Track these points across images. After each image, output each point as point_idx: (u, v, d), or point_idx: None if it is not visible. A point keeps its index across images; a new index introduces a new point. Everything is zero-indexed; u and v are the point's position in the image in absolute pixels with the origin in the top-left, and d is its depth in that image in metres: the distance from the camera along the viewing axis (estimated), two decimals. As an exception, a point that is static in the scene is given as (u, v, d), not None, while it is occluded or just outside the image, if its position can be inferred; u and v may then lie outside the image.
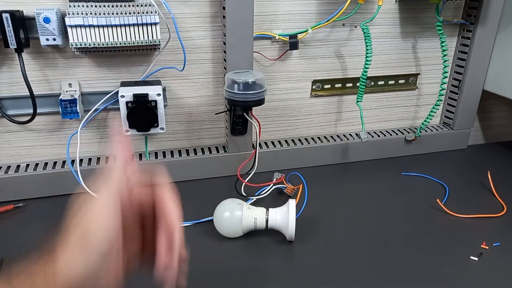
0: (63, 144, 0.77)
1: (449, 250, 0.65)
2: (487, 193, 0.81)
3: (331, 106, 0.90)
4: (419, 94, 0.96)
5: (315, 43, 0.83)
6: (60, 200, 0.76)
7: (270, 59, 0.82)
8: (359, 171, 0.89)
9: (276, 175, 0.80)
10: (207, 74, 0.80)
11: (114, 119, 0.77)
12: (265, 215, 0.65)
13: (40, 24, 0.65)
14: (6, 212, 0.72)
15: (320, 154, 0.90)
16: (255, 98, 0.71)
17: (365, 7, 0.81)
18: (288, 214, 0.63)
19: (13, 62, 0.70)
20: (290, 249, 0.65)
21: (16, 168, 0.76)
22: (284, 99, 0.87)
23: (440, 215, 0.74)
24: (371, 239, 0.68)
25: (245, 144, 0.84)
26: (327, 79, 0.87)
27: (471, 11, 0.87)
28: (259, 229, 0.66)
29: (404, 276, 0.60)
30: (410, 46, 0.90)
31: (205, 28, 0.76)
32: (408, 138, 0.94)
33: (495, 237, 0.68)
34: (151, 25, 0.67)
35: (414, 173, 0.88)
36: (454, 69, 0.94)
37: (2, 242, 0.65)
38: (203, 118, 0.84)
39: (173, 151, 0.84)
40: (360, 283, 0.59)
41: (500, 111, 1.04)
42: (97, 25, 0.65)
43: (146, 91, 0.71)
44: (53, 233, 0.39)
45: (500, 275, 0.61)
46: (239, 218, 0.64)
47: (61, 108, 0.70)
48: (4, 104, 0.73)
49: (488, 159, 0.97)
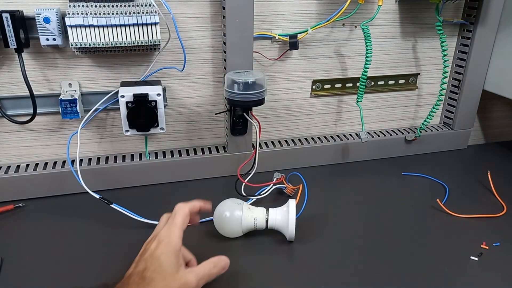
0: (63, 144, 0.77)
1: (449, 250, 0.65)
2: (487, 193, 0.81)
3: (331, 106, 0.90)
4: (419, 94, 0.96)
5: (315, 43, 0.83)
6: (60, 200, 0.76)
7: (270, 59, 0.82)
8: (359, 171, 0.89)
9: (276, 175, 0.80)
10: (207, 74, 0.80)
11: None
12: (265, 215, 0.65)
13: (40, 24, 0.65)
14: (6, 212, 0.72)
15: (320, 154, 0.90)
16: (255, 98, 0.71)
17: (365, 7, 0.81)
18: (288, 214, 0.63)
19: (13, 62, 0.70)
20: (290, 249, 0.65)
21: (16, 168, 0.76)
22: (284, 99, 0.87)
23: (440, 215, 0.74)
24: (371, 239, 0.68)
25: (245, 144, 0.84)
26: (327, 79, 0.87)
27: (471, 11, 0.87)
28: (259, 229, 0.66)
29: (404, 276, 0.60)
30: (410, 46, 0.90)
31: (205, 28, 0.76)
32: (408, 138, 0.94)
33: (495, 237, 0.68)
34: (151, 25, 0.67)
35: (414, 173, 0.88)
36: (454, 69, 0.94)
37: (2, 242, 0.65)
38: (203, 118, 0.84)
39: (173, 151, 0.84)
40: (360, 283, 0.59)
41: (500, 111, 1.04)
42: (97, 25, 0.65)
43: (146, 91, 0.71)
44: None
45: (500, 275, 0.61)
46: (239, 218, 0.64)
47: (61, 108, 0.70)
48: (4, 104, 0.73)
49: (488, 159, 0.97)
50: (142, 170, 0.80)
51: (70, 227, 0.69)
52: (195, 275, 0.51)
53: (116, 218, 0.69)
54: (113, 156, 0.81)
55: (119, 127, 0.79)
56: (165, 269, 0.49)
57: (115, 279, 0.49)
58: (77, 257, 0.63)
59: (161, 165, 0.81)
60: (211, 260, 0.54)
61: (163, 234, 0.52)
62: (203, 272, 0.52)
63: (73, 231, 0.68)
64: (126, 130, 0.73)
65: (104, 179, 0.78)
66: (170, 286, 0.48)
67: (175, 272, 0.49)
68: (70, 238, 0.67)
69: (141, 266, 0.49)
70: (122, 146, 0.82)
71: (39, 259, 0.62)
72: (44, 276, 0.59)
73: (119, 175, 0.79)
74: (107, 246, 0.65)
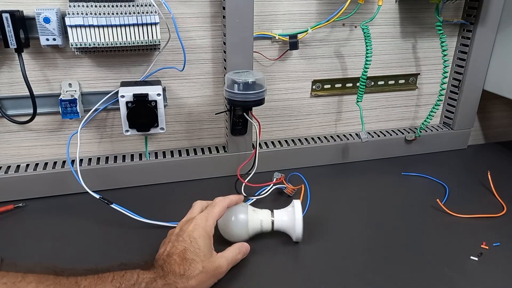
0: (63, 144, 0.77)
1: (449, 250, 0.65)
2: (487, 193, 0.81)
3: (331, 106, 0.90)
4: (419, 94, 0.96)
5: (315, 43, 0.83)
6: (60, 200, 0.76)
7: (270, 59, 0.82)
8: (359, 171, 0.89)
9: (276, 175, 0.80)
10: (207, 74, 0.80)
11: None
12: (270, 216, 0.64)
13: (40, 24, 0.65)
14: (6, 212, 0.72)
15: (320, 154, 0.90)
16: (255, 98, 0.71)
17: (365, 7, 0.81)
18: (294, 215, 0.63)
19: (13, 62, 0.70)
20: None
21: (16, 168, 0.76)
22: (284, 99, 0.87)
23: (440, 215, 0.74)
24: (370, 239, 0.68)
25: (245, 144, 0.84)
26: (327, 79, 0.87)
27: (471, 11, 0.87)
28: (265, 231, 0.64)
29: (404, 276, 0.60)
30: (410, 46, 0.90)
31: (205, 28, 0.76)
32: (408, 138, 0.94)
33: (495, 237, 0.68)
34: (151, 25, 0.67)
35: (414, 173, 0.88)
36: (454, 69, 0.94)
37: (2, 242, 0.65)
38: (203, 118, 0.84)
39: (173, 151, 0.84)
40: (360, 283, 0.59)
41: (500, 111, 1.04)
42: (97, 25, 0.65)
43: (146, 91, 0.71)
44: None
45: (500, 275, 0.61)
46: (245, 222, 0.62)
47: (61, 108, 0.70)
48: (4, 104, 0.73)
49: (488, 159, 0.97)
50: (142, 170, 0.80)
51: (70, 227, 0.69)
52: (226, 259, 0.56)
53: (116, 218, 0.68)
54: (113, 156, 0.81)
55: (119, 127, 0.79)
56: (203, 252, 0.53)
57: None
58: (77, 257, 0.63)
59: (161, 165, 0.81)
60: (236, 246, 0.59)
61: (200, 218, 0.56)
62: (232, 257, 0.57)
63: (73, 231, 0.68)
64: (126, 130, 0.73)
65: (104, 179, 0.78)
66: (207, 268, 0.52)
67: (210, 256, 0.54)
68: (70, 238, 0.67)
69: (180, 247, 0.52)
70: (122, 146, 0.82)
71: (39, 259, 0.62)
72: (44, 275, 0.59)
73: (119, 175, 0.79)
74: (107, 246, 0.65)
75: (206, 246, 0.54)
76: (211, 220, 0.57)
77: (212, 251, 0.55)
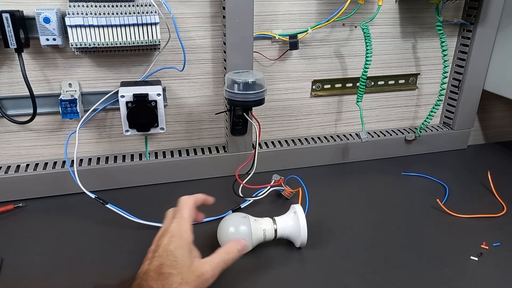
0: (63, 144, 0.77)
1: (449, 250, 0.65)
2: (487, 193, 0.81)
3: (331, 106, 0.90)
4: (419, 94, 0.96)
5: (315, 43, 0.83)
6: (60, 200, 0.76)
7: (270, 59, 0.82)
8: (359, 171, 0.89)
9: (274, 177, 0.80)
10: (207, 74, 0.80)
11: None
12: (273, 225, 0.63)
13: (40, 24, 0.65)
14: (6, 212, 0.72)
15: (320, 154, 0.90)
16: (255, 98, 0.71)
17: (365, 7, 0.81)
18: (298, 221, 0.62)
19: (13, 62, 0.70)
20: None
21: (16, 168, 0.76)
22: (284, 99, 0.87)
23: (440, 215, 0.74)
24: (370, 239, 0.68)
25: (245, 144, 0.84)
26: (327, 79, 0.87)
27: (471, 11, 0.87)
28: (268, 240, 0.63)
29: (404, 276, 0.60)
30: (410, 46, 0.90)
31: (205, 28, 0.76)
32: (408, 138, 0.94)
33: (495, 237, 0.68)
34: (151, 25, 0.67)
35: (414, 173, 0.88)
36: (454, 69, 0.94)
37: (2, 242, 0.65)
38: (203, 118, 0.84)
39: (173, 151, 0.84)
40: (360, 283, 0.59)
41: (500, 111, 1.04)
42: (97, 25, 0.65)
43: (146, 91, 0.71)
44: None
45: (500, 275, 0.61)
46: (249, 233, 0.61)
47: (61, 108, 0.70)
48: (4, 104, 0.73)
49: (488, 159, 0.97)
50: (142, 170, 0.80)
51: (70, 227, 0.69)
52: (210, 265, 0.52)
53: (116, 218, 0.68)
54: (113, 156, 0.81)
55: (119, 127, 0.79)
56: (180, 263, 0.50)
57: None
58: (77, 257, 0.63)
59: (161, 165, 0.81)
60: (224, 247, 0.56)
61: (173, 228, 0.53)
62: (218, 261, 0.53)
63: (73, 231, 0.68)
64: (126, 130, 0.73)
65: (104, 179, 0.78)
66: (187, 278, 0.49)
67: (190, 265, 0.51)
68: (70, 238, 0.67)
69: (156, 262, 0.50)
70: (122, 146, 0.82)
71: (39, 259, 0.62)
72: (44, 276, 0.59)
73: (119, 175, 0.79)
74: (106, 246, 0.65)
75: (184, 256, 0.51)
76: (184, 226, 0.54)
77: (192, 260, 0.52)
